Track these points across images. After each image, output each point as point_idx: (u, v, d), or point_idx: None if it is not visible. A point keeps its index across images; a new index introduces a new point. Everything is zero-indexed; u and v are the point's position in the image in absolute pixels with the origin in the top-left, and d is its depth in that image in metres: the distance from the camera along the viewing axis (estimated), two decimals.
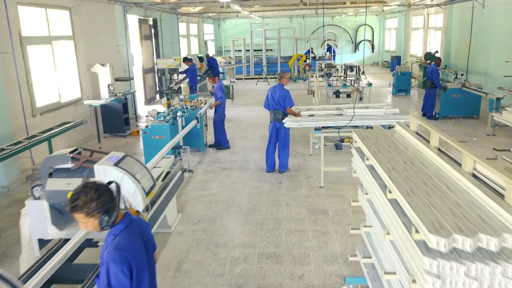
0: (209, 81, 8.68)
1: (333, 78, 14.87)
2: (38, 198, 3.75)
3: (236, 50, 22.96)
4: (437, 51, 16.59)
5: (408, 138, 3.27)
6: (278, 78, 6.98)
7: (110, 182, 2.46)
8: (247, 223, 5.30)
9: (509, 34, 11.91)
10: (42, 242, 3.84)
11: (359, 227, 3.49)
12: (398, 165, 2.69)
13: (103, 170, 3.48)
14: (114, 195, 2.38)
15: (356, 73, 18.18)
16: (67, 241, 3.57)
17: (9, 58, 7.10)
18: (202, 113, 8.10)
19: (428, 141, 3.07)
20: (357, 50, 27.78)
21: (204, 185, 6.66)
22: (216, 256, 4.55)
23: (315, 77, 10.82)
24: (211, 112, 8.91)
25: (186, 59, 12.21)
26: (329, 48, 21.62)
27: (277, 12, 21.76)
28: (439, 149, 2.90)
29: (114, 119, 9.99)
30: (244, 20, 24.69)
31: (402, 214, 2.26)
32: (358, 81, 13.24)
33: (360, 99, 10.96)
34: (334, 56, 22.12)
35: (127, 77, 11.61)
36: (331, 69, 17.01)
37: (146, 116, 7.64)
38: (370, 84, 11.34)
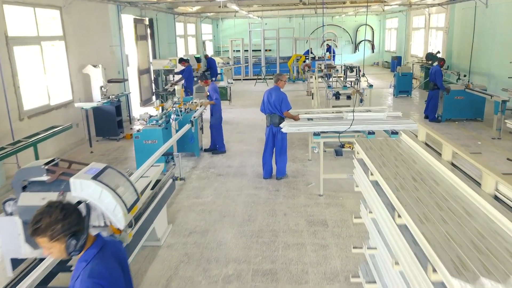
0: (202, 84, 8.34)
1: (333, 79, 14.57)
2: (11, 214, 3.44)
3: (235, 51, 22.65)
4: (439, 52, 16.27)
5: (417, 150, 2.96)
6: (275, 81, 6.66)
7: (80, 202, 2.17)
8: (242, 235, 4.98)
9: None
10: (16, 262, 3.52)
11: (362, 246, 3.19)
12: (407, 183, 2.37)
13: (80, 184, 3.17)
14: (83, 216, 2.08)
15: (356, 74, 17.92)
16: (43, 261, 3.27)
17: None
18: (197, 116, 7.78)
19: (440, 154, 2.75)
20: (357, 51, 27.47)
21: (198, 193, 6.34)
22: (208, 273, 4.24)
23: (315, 79, 10.49)
24: (207, 115, 8.59)
25: (182, 60, 11.90)
26: (329, 49, 21.29)
27: (276, 12, 21.43)
28: (453, 164, 2.58)
29: (107, 122, 9.67)
30: (243, 20, 24.38)
31: (414, 243, 1.95)
32: (358, 83, 12.93)
33: (361, 101, 10.66)
34: (334, 57, 21.79)
35: (121, 79, 11.30)
36: (331, 70, 16.73)
37: (138, 120, 7.33)
38: (371, 86, 11.04)
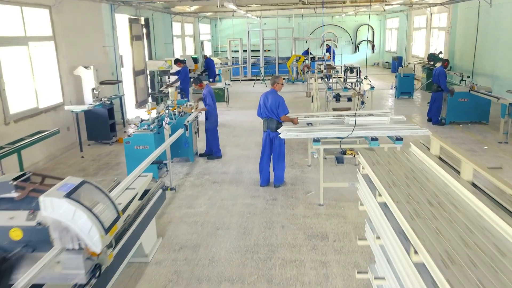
0: (196, 87, 7.95)
1: (333, 80, 14.22)
2: None
3: (233, 51, 22.30)
4: (441, 52, 15.96)
5: (430, 165, 2.61)
6: (271, 83, 6.31)
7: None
8: (236, 251, 4.63)
9: None
10: None
11: (367, 270, 2.84)
12: (423, 208, 2.03)
13: (51, 203, 2.82)
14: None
15: (357, 75, 17.58)
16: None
17: None
18: (191, 120, 7.43)
19: (457, 171, 2.41)
20: (357, 51, 27.14)
21: (191, 202, 5.99)
22: None
23: (314, 80, 10.15)
24: (202, 117, 8.24)
25: (178, 61, 11.54)
26: (329, 49, 20.96)
27: (275, 12, 21.06)
28: (474, 184, 2.24)
29: (99, 126, 9.31)
30: (241, 20, 24.04)
31: (434, 287, 1.61)
32: (359, 84, 12.59)
33: (362, 103, 10.33)
34: (334, 57, 21.46)
35: (115, 80, 10.95)
36: (331, 71, 16.38)
37: (129, 124, 6.98)
38: (372, 88, 10.69)
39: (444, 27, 17.11)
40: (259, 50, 21.12)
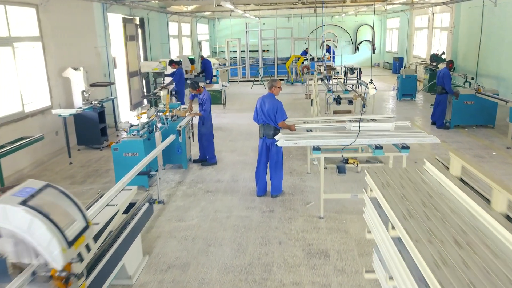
0: (194, 92, 7.50)
1: (333, 82, 13.84)
2: None
3: (231, 51, 21.91)
4: (444, 53, 15.58)
5: (451, 190, 2.22)
6: (268, 87, 5.92)
7: None
8: (229, 271, 4.24)
9: None
10: None
11: None
12: (449, 251, 1.64)
13: (4, 211, 2.42)
14: None
15: (357, 76, 17.19)
16: None
17: None
18: (184, 125, 7.04)
19: (487, 199, 2.02)
20: (357, 51, 26.76)
21: (182, 215, 5.59)
22: None
23: (314, 82, 9.76)
24: (196, 120, 7.84)
25: (172, 62, 11.15)
26: (328, 49, 20.57)
27: (274, 11, 20.67)
28: (509, 218, 1.85)
29: (89, 130, 8.92)
30: (240, 20, 23.63)
31: None
32: (360, 86, 12.21)
33: (363, 106, 9.94)
34: (334, 58, 21.08)
35: (107, 82, 10.54)
36: (331, 72, 15.99)
37: (117, 130, 6.59)
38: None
39: (447, 27, 16.73)
40: (258, 51, 20.74)
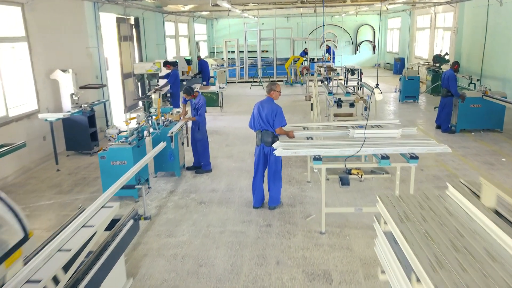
0: (189, 98, 7.08)
1: (334, 84, 13.44)
2: None
3: (229, 52, 21.50)
4: (447, 53, 15.19)
5: (486, 226, 1.81)
6: (267, 91, 5.51)
7: None
8: None
9: None
10: None
11: None
12: None
13: None
14: None
15: (358, 77, 16.80)
16: None
17: None
18: (176, 131, 6.63)
19: None
20: (358, 52, 26.36)
21: (172, 229, 5.18)
22: None
23: (314, 85, 9.35)
24: (190, 124, 7.43)
25: (167, 63, 10.73)
26: (328, 50, 20.17)
27: (273, 11, 20.26)
28: None
29: (78, 135, 8.51)
30: (238, 20, 23.24)
31: None
32: (362, 88, 11.83)
33: (365, 109, 9.55)
34: (334, 58, 20.68)
35: (98, 84, 10.13)
36: (331, 73, 15.59)
37: (105, 136, 6.19)
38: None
39: (450, 27, 16.33)
40: (256, 51, 20.33)
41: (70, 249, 3.04)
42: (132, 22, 13.72)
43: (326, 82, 12.54)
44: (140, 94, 12.07)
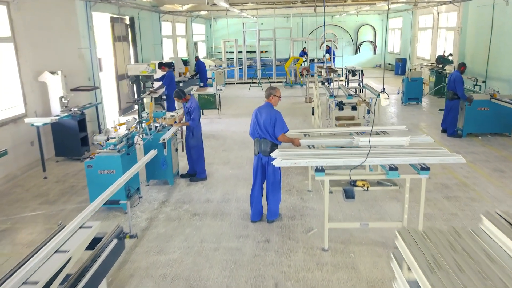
0: (180, 101, 6.70)
1: (335, 85, 13.04)
2: None
3: (228, 52, 21.11)
4: (451, 54, 14.80)
5: None
6: (266, 96, 5.12)
7: None
8: None
9: None
10: None
11: None
12: None
13: None
14: None
15: (359, 78, 16.41)
16: None
17: None
18: (168, 138, 6.24)
19: None
20: (358, 52, 25.99)
21: (162, 245, 4.79)
22: None
23: (315, 88, 8.97)
24: (184, 128, 7.04)
25: (162, 65, 10.34)
26: (329, 50, 19.79)
27: (272, 11, 19.87)
28: None
29: (68, 140, 8.11)
30: (237, 20, 22.86)
31: None
32: (364, 89, 11.45)
33: (368, 112, 9.17)
34: (334, 59, 20.31)
35: (91, 86, 9.74)
36: (331, 74, 15.20)
37: (93, 144, 5.80)
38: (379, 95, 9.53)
39: (453, 27, 15.95)
40: (256, 52, 19.94)
41: (38, 282, 2.65)
42: (127, 22, 13.34)
43: (327, 84, 12.17)
44: (136, 97, 11.69)
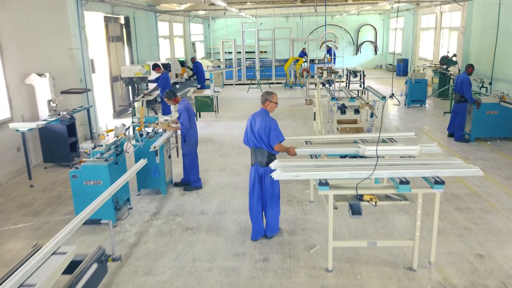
0: (170, 103, 6.35)
1: (335, 86, 12.67)
2: None
3: (226, 52, 20.71)
4: (455, 55, 14.41)
5: None
6: (262, 101, 4.71)
7: None
8: None
9: None
10: None
11: None
12: None
13: None
14: None
15: (360, 79, 16.03)
16: None
17: None
18: (159, 145, 5.84)
19: None
20: (359, 52, 25.60)
21: (151, 264, 4.40)
22: None
23: (317, 91, 8.58)
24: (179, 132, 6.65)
25: (156, 66, 9.95)
26: (329, 50, 19.41)
27: (272, 11, 19.49)
28: None
29: (56, 145, 7.71)
30: (236, 20, 22.46)
31: None
32: (367, 92, 11.06)
33: (371, 116, 8.80)
34: (334, 59, 19.92)
35: (82, 89, 9.34)
36: (332, 75, 14.82)
37: (78, 151, 5.40)
38: (384, 98, 9.15)
39: (457, 27, 15.57)
40: (255, 52, 19.56)
41: None
42: (122, 22, 12.94)
43: (328, 85, 11.78)
44: (131, 99, 11.31)
